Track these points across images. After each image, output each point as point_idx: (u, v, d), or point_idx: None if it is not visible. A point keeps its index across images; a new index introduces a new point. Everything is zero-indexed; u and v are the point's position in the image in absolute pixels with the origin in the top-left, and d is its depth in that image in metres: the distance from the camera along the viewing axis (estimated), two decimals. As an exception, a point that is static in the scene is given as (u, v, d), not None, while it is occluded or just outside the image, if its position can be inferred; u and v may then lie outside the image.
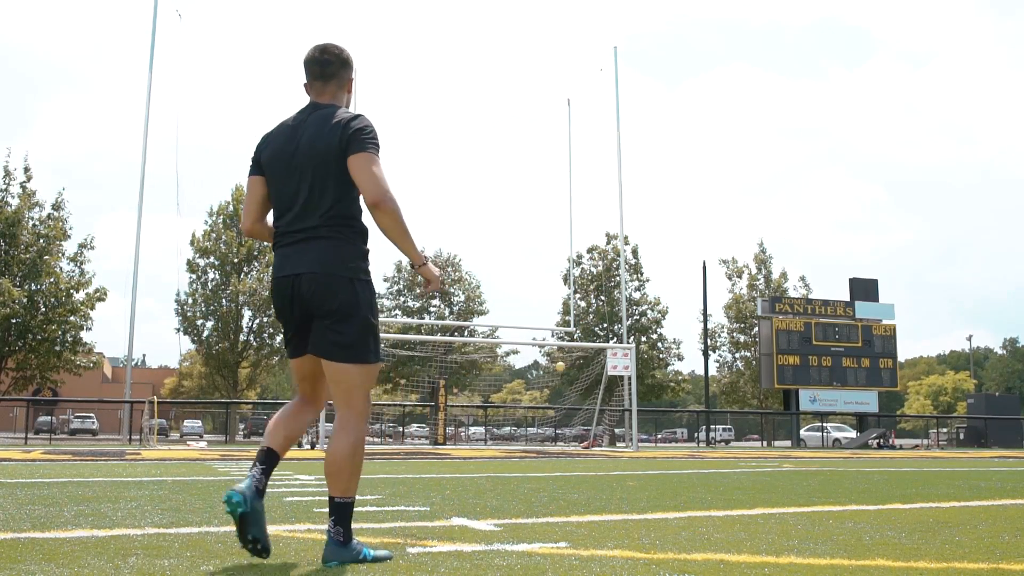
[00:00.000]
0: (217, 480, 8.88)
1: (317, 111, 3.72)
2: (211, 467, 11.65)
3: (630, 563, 3.59)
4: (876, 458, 20.11)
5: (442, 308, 47.53)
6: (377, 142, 3.60)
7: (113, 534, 4.33)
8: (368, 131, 3.58)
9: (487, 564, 3.50)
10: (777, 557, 3.79)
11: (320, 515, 5.30)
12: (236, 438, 43.30)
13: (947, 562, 3.73)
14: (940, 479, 10.62)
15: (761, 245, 54.23)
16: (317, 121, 3.66)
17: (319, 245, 3.56)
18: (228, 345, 41.06)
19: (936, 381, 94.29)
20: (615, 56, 33.47)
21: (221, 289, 41.08)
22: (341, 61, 3.81)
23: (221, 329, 41.01)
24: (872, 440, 39.01)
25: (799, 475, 11.19)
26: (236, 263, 40.68)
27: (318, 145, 3.59)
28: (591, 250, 48.09)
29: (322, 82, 3.78)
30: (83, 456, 15.15)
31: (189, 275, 41.67)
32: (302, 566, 3.44)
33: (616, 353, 28.28)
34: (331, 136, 3.58)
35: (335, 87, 3.81)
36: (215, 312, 41.06)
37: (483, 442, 41.50)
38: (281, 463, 12.31)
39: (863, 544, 4.27)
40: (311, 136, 3.63)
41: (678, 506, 6.29)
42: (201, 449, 21.79)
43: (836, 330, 39.94)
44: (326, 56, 3.78)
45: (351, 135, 3.55)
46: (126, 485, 7.83)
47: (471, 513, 5.52)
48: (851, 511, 6.06)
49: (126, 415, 33.88)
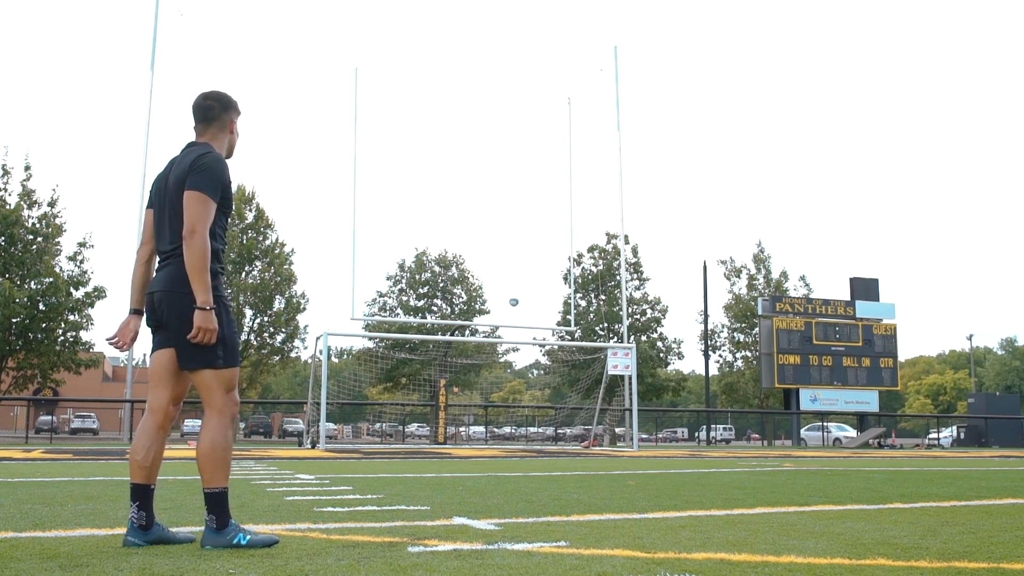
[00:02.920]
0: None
1: (189, 149, 4.19)
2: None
3: (631, 562, 3.59)
4: (877, 457, 20.11)
5: (444, 307, 47.52)
6: (218, 185, 4.02)
7: (114, 533, 4.34)
8: (214, 172, 4.01)
9: (488, 563, 3.50)
10: (777, 556, 3.79)
11: (321, 514, 5.31)
12: (237, 437, 43.32)
13: (948, 562, 3.73)
14: (941, 478, 10.62)
15: (759, 245, 54.30)
16: (183, 159, 4.13)
17: (172, 268, 4.03)
18: (229, 344, 41.04)
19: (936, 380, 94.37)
20: (615, 56, 33.47)
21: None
22: (222, 105, 4.29)
23: (222, 328, 40.99)
24: (872, 439, 39.00)
25: (799, 474, 11.18)
26: (238, 262, 40.66)
27: (179, 178, 4.04)
28: (592, 249, 48.04)
29: (203, 125, 4.25)
30: (84, 455, 15.15)
31: (190, 275, 41.62)
32: (299, 564, 3.44)
33: (617, 352, 28.27)
34: (185, 171, 4.03)
35: (216, 129, 4.26)
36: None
37: (484, 442, 41.56)
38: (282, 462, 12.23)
39: (863, 543, 4.27)
40: (177, 172, 4.09)
41: (678, 505, 6.29)
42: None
43: (836, 329, 39.91)
44: (208, 102, 4.26)
45: (192, 171, 4.00)
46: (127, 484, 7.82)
47: (472, 512, 5.52)
48: (851, 510, 6.06)
49: (127, 414, 33.90)
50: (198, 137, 4.26)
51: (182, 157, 4.14)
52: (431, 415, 36.46)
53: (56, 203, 34.96)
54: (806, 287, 51.88)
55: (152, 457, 4.05)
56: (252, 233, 41.21)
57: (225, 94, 4.32)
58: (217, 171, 4.03)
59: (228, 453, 4.01)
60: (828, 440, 44.21)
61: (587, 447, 28.06)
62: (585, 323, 45.44)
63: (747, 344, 51.30)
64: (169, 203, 4.07)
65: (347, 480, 8.80)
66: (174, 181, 4.07)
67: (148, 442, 4.06)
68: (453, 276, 48.19)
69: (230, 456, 4.04)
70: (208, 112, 4.25)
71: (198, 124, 4.26)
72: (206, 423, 4.04)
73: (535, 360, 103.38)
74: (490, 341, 43.86)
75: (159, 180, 4.22)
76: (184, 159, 4.11)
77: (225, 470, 3.97)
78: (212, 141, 4.23)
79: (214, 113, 4.25)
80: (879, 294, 41.65)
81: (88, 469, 10.56)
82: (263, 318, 41.59)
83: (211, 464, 3.96)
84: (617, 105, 32.61)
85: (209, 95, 4.28)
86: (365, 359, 44.25)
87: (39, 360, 34.02)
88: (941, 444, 43.86)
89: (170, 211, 4.06)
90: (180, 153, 4.21)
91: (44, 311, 33.71)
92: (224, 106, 4.29)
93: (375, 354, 43.31)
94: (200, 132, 4.26)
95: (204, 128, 4.25)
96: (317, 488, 7.54)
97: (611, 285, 45.89)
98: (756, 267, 51.91)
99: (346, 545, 4.00)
